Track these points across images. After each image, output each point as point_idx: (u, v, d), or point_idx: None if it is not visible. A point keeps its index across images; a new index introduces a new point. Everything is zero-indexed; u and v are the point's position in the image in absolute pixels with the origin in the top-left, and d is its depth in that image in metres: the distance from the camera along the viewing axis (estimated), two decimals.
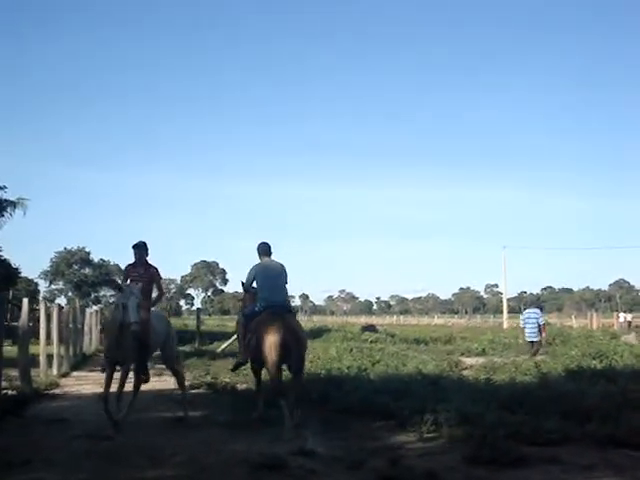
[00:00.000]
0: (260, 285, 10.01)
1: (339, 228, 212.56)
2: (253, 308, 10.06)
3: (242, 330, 10.43)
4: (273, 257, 10.29)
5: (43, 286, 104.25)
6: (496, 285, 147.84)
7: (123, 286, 9.39)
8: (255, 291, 10.14)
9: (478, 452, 6.97)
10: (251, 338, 9.71)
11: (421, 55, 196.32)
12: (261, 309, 9.84)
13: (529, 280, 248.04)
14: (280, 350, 9.16)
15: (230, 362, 12.82)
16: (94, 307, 48.77)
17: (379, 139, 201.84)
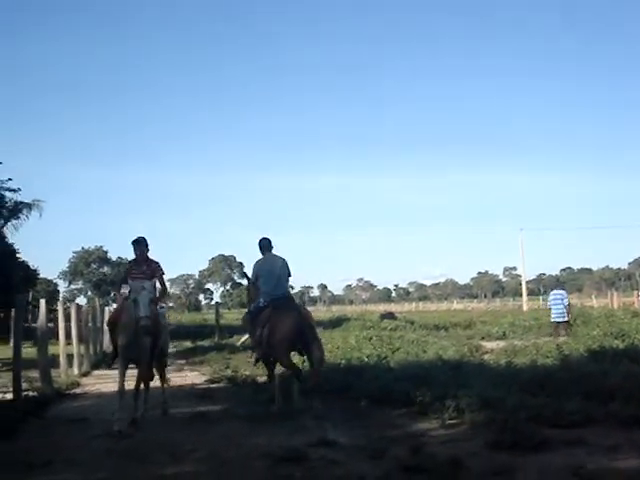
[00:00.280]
0: (264, 279, 10.24)
1: (356, 217, 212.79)
2: (258, 303, 10.28)
3: (250, 326, 10.61)
4: (274, 252, 10.51)
5: (63, 286, 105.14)
6: (514, 268, 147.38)
7: (133, 282, 9.30)
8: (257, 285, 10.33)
9: (500, 437, 6.89)
10: (262, 332, 9.85)
11: (429, 38, 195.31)
12: (265, 303, 10.08)
13: (548, 262, 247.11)
14: (292, 339, 9.47)
15: (249, 355, 12.81)
16: (114, 305, 48.91)
17: (393, 126, 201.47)
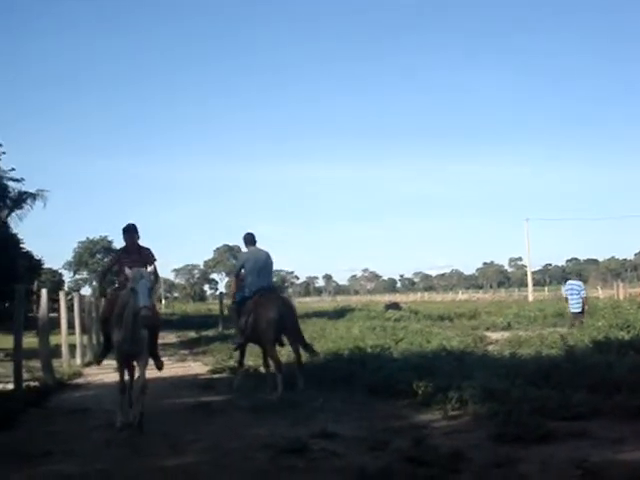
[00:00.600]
0: (248, 271, 10.84)
1: (361, 208, 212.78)
2: (243, 294, 10.87)
3: (235, 315, 11.14)
4: (258, 245, 11.20)
5: (68, 277, 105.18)
6: (520, 258, 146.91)
7: (130, 270, 8.45)
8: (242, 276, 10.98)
9: (504, 429, 6.82)
10: (247, 319, 10.46)
11: (442, 30, 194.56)
12: (251, 294, 10.66)
13: (553, 252, 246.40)
14: (277, 325, 10.11)
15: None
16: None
17: (397, 116, 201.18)
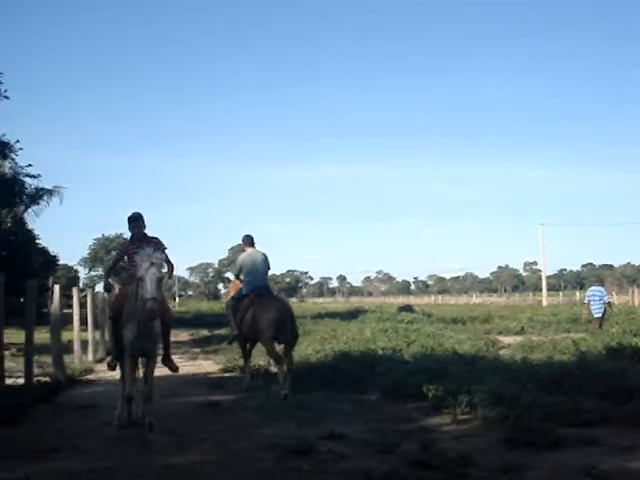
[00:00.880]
0: (247, 271, 11.46)
1: (376, 209, 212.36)
2: (240, 292, 11.53)
3: (231, 311, 11.62)
4: (257, 247, 11.68)
5: (83, 273, 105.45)
6: (535, 263, 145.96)
7: (140, 254, 7.74)
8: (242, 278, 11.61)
9: (513, 434, 6.77)
10: (243, 315, 11.02)
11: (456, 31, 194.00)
12: (248, 292, 11.28)
13: (569, 257, 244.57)
14: (276, 326, 10.53)
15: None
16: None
17: (415, 118, 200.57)
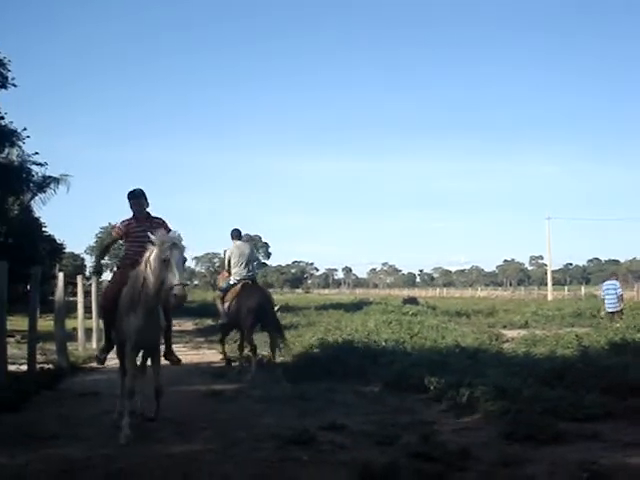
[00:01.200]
0: (234, 263, 12.28)
1: (382, 202, 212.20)
2: (228, 282, 12.36)
3: (220, 301, 12.57)
4: (244, 240, 12.74)
5: (89, 261, 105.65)
6: (541, 257, 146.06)
7: (156, 235, 6.85)
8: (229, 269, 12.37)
9: (514, 428, 6.74)
10: (230, 305, 12.01)
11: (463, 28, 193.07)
12: (235, 282, 12.17)
13: (575, 252, 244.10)
14: (255, 313, 11.49)
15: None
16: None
17: (423, 112, 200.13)
